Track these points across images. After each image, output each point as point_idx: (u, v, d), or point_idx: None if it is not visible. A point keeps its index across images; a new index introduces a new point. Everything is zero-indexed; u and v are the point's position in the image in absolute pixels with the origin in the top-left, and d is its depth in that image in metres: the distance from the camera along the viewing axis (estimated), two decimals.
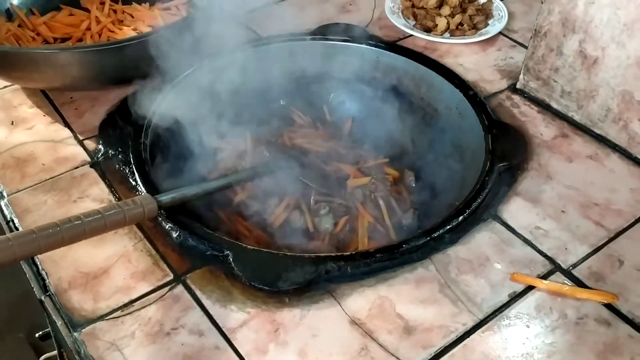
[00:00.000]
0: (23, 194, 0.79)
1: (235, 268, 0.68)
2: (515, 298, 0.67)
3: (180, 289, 0.68)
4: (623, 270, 0.70)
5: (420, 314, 0.65)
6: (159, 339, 0.63)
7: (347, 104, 1.07)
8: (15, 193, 0.79)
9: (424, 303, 0.66)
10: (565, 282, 0.69)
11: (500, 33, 1.08)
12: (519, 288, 0.68)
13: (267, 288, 0.66)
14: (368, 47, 1.02)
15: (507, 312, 0.66)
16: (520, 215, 0.76)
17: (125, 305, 0.66)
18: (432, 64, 0.99)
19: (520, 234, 0.74)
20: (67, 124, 0.90)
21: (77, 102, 0.93)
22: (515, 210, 0.77)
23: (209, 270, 0.69)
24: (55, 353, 1.07)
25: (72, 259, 0.70)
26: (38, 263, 0.70)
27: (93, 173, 0.82)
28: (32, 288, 0.70)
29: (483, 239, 0.74)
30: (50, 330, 1.02)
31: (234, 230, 0.88)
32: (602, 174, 0.82)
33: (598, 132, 0.88)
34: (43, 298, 0.68)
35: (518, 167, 0.83)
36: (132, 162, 0.81)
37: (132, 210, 0.67)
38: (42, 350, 1.37)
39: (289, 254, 0.72)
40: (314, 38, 1.03)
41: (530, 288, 0.68)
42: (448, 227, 0.73)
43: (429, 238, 0.72)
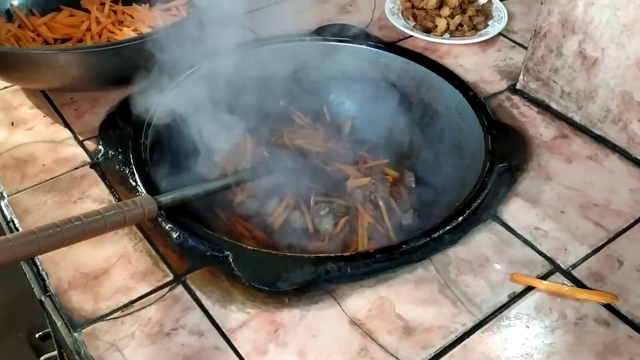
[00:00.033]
0: (23, 195, 0.79)
1: (235, 268, 0.68)
2: (515, 298, 0.67)
3: (180, 290, 0.68)
4: (622, 271, 0.70)
5: (420, 315, 0.65)
6: (159, 340, 0.63)
7: (347, 105, 1.07)
8: (16, 194, 0.79)
9: (424, 303, 0.66)
10: (565, 282, 0.69)
11: (500, 34, 1.08)
12: (519, 288, 0.68)
13: (267, 288, 0.66)
14: (368, 47, 1.02)
15: (506, 312, 0.66)
16: (520, 216, 0.77)
17: (125, 306, 0.66)
18: (431, 65, 0.99)
19: (520, 235, 0.74)
20: (67, 125, 0.90)
21: (77, 102, 0.93)
22: (515, 211, 0.77)
23: (209, 271, 0.69)
24: (56, 353, 1.07)
25: (72, 260, 0.70)
26: (38, 263, 0.70)
27: (93, 174, 0.82)
28: (32, 288, 0.70)
29: (483, 240, 0.74)
30: (50, 331, 1.02)
31: (234, 231, 0.88)
32: (601, 175, 0.83)
33: (598, 132, 0.88)
34: (43, 298, 0.68)
35: (518, 167, 0.83)
36: (132, 162, 0.81)
37: (132, 211, 0.67)
38: (42, 351, 1.37)
39: (289, 255, 0.72)
40: (314, 38, 1.03)
41: (530, 288, 0.68)
42: (448, 227, 0.73)
43: (429, 239, 0.72)
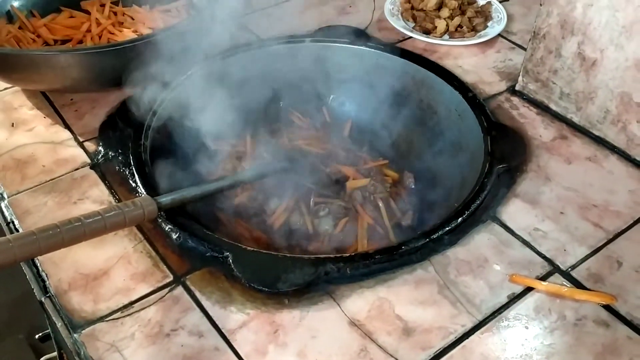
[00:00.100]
0: (23, 196, 0.79)
1: (235, 269, 0.68)
2: (514, 299, 0.67)
3: (180, 290, 0.68)
4: (622, 272, 0.71)
5: (420, 315, 0.65)
6: (159, 340, 0.63)
7: (346, 106, 1.07)
8: (16, 194, 0.79)
9: (423, 304, 0.67)
10: (564, 283, 0.69)
11: (500, 35, 1.08)
12: (518, 289, 0.69)
13: (266, 289, 0.66)
14: (367, 49, 1.02)
15: (506, 313, 0.66)
16: (519, 217, 0.77)
17: (125, 307, 0.66)
18: (431, 66, 0.99)
19: (519, 236, 0.74)
20: (67, 126, 0.90)
21: (77, 103, 0.93)
22: (514, 212, 0.77)
23: (209, 272, 0.69)
24: (55, 354, 1.07)
25: (72, 261, 0.70)
26: (38, 264, 0.70)
27: (93, 175, 0.82)
28: (32, 289, 0.70)
29: (482, 241, 0.74)
30: (50, 332, 1.02)
31: (234, 232, 0.88)
32: (600, 176, 0.83)
33: (597, 133, 0.88)
34: (43, 299, 0.68)
35: (517, 168, 0.83)
36: (132, 163, 0.81)
37: (132, 212, 0.67)
38: (42, 352, 1.37)
39: (289, 256, 0.72)
40: (314, 40, 1.03)
41: (529, 289, 0.68)
42: (447, 228, 0.73)
43: (428, 239, 0.72)
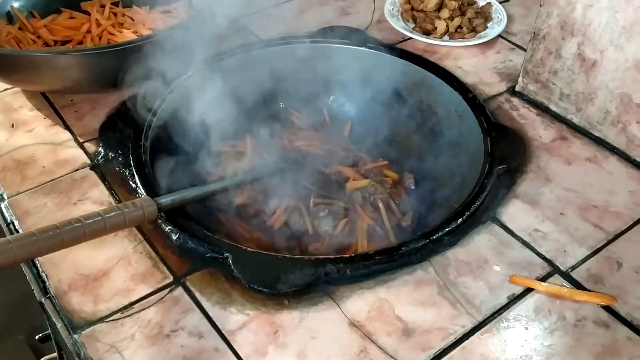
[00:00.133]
0: (23, 197, 0.79)
1: (235, 270, 0.68)
2: (514, 300, 0.67)
3: (180, 291, 0.68)
4: (622, 273, 0.71)
5: (419, 316, 0.65)
6: (159, 341, 0.63)
7: (346, 107, 1.07)
8: (16, 195, 0.79)
9: (423, 305, 0.67)
10: (564, 284, 0.69)
11: (500, 36, 1.08)
12: (518, 290, 0.69)
13: (266, 290, 0.66)
14: (367, 49, 1.02)
15: (505, 314, 0.66)
16: (519, 218, 0.77)
17: (125, 308, 0.66)
18: (431, 67, 0.99)
19: (519, 237, 0.75)
20: (67, 127, 0.90)
21: (77, 104, 0.93)
22: (514, 213, 0.77)
23: (209, 273, 0.69)
24: (55, 355, 1.07)
25: (72, 261, 0.70)
26: (38, 265, 0.70)
27: (93, 175, 0.82)
28: (32, 290, 0.70)
29: (482, 242, 0.74)
30: (50, 333, 1.02)
31: (234, 233, 0.88)
32: (600, 177, 0.83)
33: (597, 134, 0.88)
34: (43, 300, 0.68)
35: (517, 169, 0.83)
36: (132, 164, 0.81)
37: (132, 213, 0.67)
38: (42, 353, 1.37)
39: (289, 256, 0.72)
40: (314, 41, 1.03)
41: (529, 290, 0.68)
42: (447, 229, 0.74)
43: (428, 240, 0.72)
